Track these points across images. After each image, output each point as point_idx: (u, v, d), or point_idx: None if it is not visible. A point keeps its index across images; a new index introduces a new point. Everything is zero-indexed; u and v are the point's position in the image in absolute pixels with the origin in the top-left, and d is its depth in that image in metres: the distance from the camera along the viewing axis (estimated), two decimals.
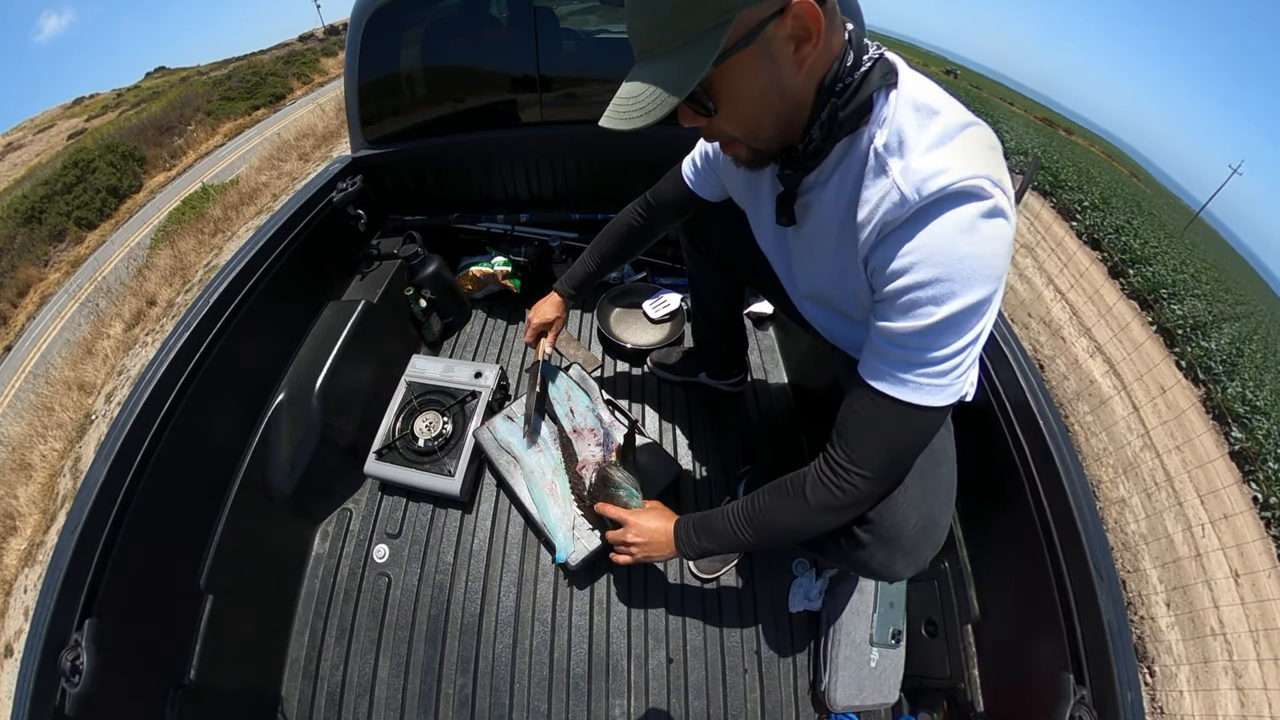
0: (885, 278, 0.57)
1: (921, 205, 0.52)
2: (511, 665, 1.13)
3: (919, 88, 0.58)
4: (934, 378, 0.59)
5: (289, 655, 1.16)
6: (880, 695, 1.05)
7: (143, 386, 0.97)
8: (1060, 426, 0.88)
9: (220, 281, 1.15)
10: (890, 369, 0.60)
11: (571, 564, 1.14)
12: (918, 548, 0.74)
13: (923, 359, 0.58)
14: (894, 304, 0.57)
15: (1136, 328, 10.62)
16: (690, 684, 1.12)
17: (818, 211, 0.66)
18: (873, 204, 0.57)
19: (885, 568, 0.75)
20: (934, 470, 0.76)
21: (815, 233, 0.69)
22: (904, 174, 0.54)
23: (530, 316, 1.23)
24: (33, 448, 6.78)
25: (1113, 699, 0.69)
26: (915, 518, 0.72)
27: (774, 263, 0.89)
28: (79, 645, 0.76)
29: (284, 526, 1.25)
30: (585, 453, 1.26)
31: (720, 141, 0.64)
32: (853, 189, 0.60)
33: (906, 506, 0.72)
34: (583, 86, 1.70)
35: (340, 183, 1.52)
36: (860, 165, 0.59)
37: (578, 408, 1.32)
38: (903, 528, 0.72)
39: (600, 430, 1.28)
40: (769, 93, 0.56)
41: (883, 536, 0.73)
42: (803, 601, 1.17)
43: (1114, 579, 0.74)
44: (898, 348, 0.59)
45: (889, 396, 0.61)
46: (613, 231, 1.13)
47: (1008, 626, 0.94)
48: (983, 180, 0.51)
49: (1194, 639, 4.86)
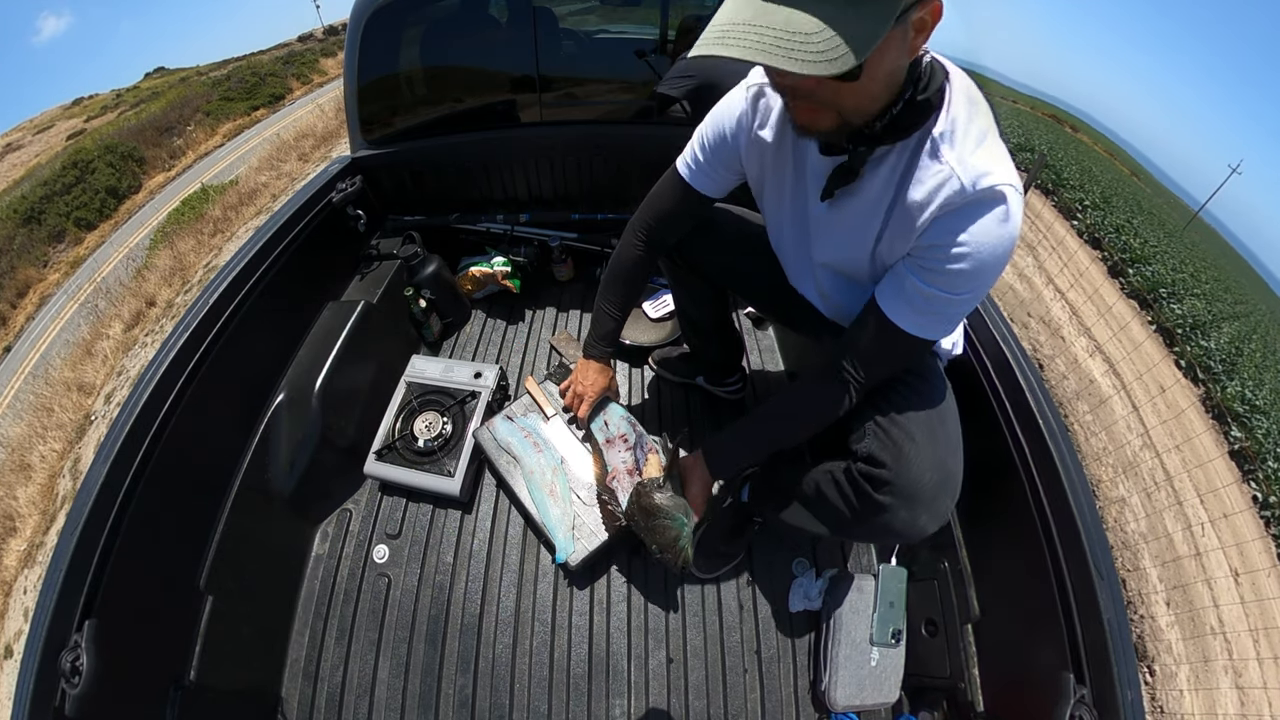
0: (934, 250, 0.66)
1: (975, 196, 0.61)
2: (511, 665, 1.13)
3: (961, 76, 0.65)
4: (944, 322, 0.72)
5: (289, 655, 1.16)
6: (880, 695, 1.05)
7: (142, 387, 0.97)
8: (1060, 426, 0.88)
9: (220, 282, 1.15)
10: (916, 314, 0.71)
11: (571, 564, 1.14)
12: (937, 499, 0.77)
13: (943, 311, 0.70)
14: (936, 270, 0.67)
15: (1136, 327, 10.61)
16: (690, 684, 1.12)
17: (865, 185, 0.70)
18: (930, 186, 0.64)
19: (910, 525, 0.78)
20: (940, 426, 0.81)
21: (856, 205, 0.73)
22: (961, 165, 0.62)
23: (580, 392, 1.18)
24: (32, 449, 6.77)
25: (1113, 698, 0.69)
26: (930, 471, 0.76)
27: (783, 237, 0.92)
28: (79, 646, 0.76)
29: (284, 527, 1.25)
30: (615, 460, 1.18)
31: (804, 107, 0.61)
32: (907, 168, 0.66)
33: (921, 463, 0.76)
34: (582, 86, 1.70)
35: (339, 183, 1.52)
36: (916, 147, 0.65)
37: (612, 418, 1.25)
38: (920, 482, 0.76)
39: (632, 434, 1.21)
40: (893, 72, 0.59)
41: (902, 494, 0.76)
42: (803, 601, 1.17)
43: (1114, 578, 0.75)
44: (925, 300, 0.69)
45: (906, 333, 0.72)
46: (619, 273, 1.08)
47: (1008, 626, 0.94)
48: (1013, 184, 0.62)
49: (1194, 638, 4.86)
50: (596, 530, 1.15)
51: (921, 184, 0.64)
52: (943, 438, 0.79)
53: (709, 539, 1.22)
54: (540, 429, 1.30)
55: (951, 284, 0.67)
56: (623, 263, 1.07)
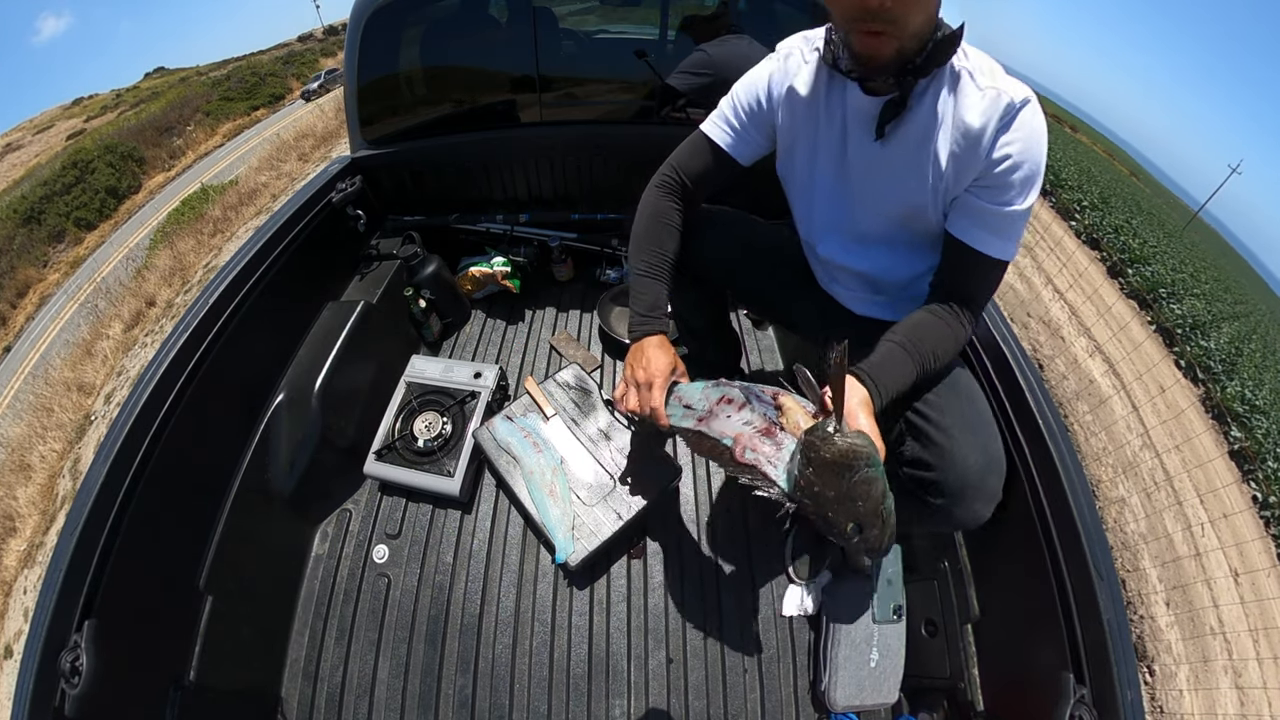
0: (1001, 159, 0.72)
1: (1020, 107, 0.71)
2: (511, 665, 1.13)
3: None
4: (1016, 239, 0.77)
5: (289, 655, 1.16)
6: (880, 695, 1.05)
7: (142, 387, 0.97)
8: (1060, 426, 0.88)
9: (219, 282, 1.15)
10: (998, 239, 0.77)
11: (571, 564, 1.14)
12: (985, 484, 0.79)
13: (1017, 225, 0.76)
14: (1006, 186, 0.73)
15: (1135, 327, 10.61)
16: (690, 684, 1.12)
17: (914, 116, 0.76)
18: (982, 108, 0.72)
19: (969, 515, 0.80)
20: (970, 407, 0.83)
21: (910, 137, 0.77)
22: (1002, 87, 0.72)
23: (645, 379, 0.86)
24: (32, 449, 6.77)
25: (1113, 698, 0.69)
26: (975, 459, 0.78)
27: (815, 201, 0.92)
28: (79, 646, 0.76)
29: (284, 527, 1.25)
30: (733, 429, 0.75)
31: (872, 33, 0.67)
32: (949, 96, 0.74)
33: (965, 456, 0.77)
34: (582, 86, 1.70)
35: (339, 183, 1.52)
36: (951, 82, 0.73)
37: (693, 396, 0.85)
38: (968, 476, 0.77)
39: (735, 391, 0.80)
40: None
41: (953, 492, 0.78)
42: (796, 607, 1.17)
43: (1114, 578, 0.74)
44: (1005, 220, 0.75)
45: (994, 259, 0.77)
46: (652, 228, 0.93)
47: (1008, 626, 0.94)
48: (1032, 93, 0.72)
49: (1193, 638, 4.86)
50: (596, 530, 1.15)
51: (972, 108, 0.72)
52: (975, 420, 0.81)
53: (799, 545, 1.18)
54: (540, 429, 1.30)
55: (1023, 193, 0.74)
56: (654, 216, 0.93)
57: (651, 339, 0.90)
